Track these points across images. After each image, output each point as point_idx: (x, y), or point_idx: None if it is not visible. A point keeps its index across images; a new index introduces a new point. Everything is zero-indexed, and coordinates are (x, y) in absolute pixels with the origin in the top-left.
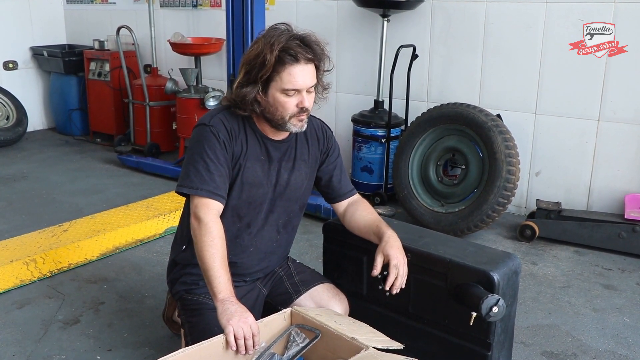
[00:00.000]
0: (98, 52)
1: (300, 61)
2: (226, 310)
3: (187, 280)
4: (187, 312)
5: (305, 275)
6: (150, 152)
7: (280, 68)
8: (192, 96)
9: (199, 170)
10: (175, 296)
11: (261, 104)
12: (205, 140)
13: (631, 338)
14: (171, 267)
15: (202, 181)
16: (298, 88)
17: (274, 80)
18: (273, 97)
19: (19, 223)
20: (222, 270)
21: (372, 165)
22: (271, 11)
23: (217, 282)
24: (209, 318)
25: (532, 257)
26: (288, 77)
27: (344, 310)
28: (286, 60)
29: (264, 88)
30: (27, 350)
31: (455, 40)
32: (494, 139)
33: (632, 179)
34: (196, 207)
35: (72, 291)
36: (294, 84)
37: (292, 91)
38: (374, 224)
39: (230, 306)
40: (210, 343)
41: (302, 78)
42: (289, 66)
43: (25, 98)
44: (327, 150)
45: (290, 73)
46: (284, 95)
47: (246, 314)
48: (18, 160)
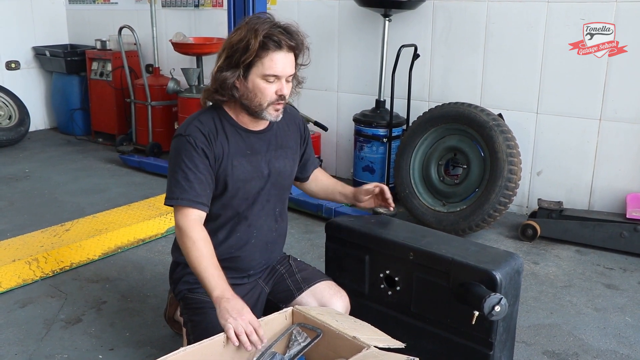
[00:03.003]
0: (100, 52)
1: (283, 48)
2: (222, 310)
3: (189, 280)
4: (189, 311)
5: (307, 272)
6: (152, 151)
7: (262, 53)
8: (193, 96)
9: (178, 181)
10: (177, 296)
11: (240, 90)
12: (183, 151)
13: (633, 337)
14: (173, 268)
15: (182, 191)
16: (278, 74)
17: (255, 65)
18: (253, 82)
19: (21, 222)
20: (210, 269)
21: (374, 165)
22: (273, 11)
23: (208, 282)
24: (212, 317)
25: (534, 256)
26: (270, 63)
27: (345, 308)
28: (269, 46)
29: (245, 73)
30: (30, 350)
31: (457, 40)
32: (495, 139)
33: (634, 178)
34: (177, 216)
35: (74, 290)
36: (274, 69)
37: (272, 77)
38: (337, 185)
39: (226, 304)
40: (211, 341)
41: (282, 65)
42: (271, 52)
43: (28, 98)
44: (305, 138)
45: (272, 59)
46: (264, 81)
47: (243, 310)
48: (20, 160)
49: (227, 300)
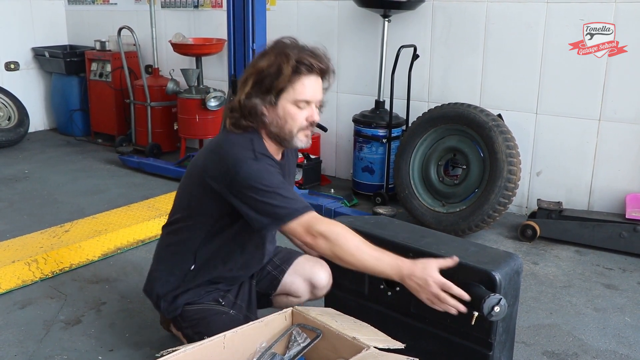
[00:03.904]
0: (99, 52)
1: (314, 72)
2: (412, 290)
3: (181, 300)
4: (191, 323)
5: (283, 254)
6: (151, 152)
7: (294, 78)
8: (193, 96)
9: (285, 197)
10: (170, 314)
11: (268, 116)
12: (265, 172)
13: (632, 337)
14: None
15: (293, 202)
16: (310, 99)
17: (286, 91)
18: (283, 108)
19: (20, 223)
20: (377, 255)
21: (373, 166)
22: (272, 11)
23: (385, 269)
24: (217, 324)
25: (533, 256)
26: (302, 88)
27: (328, 274)
28: (301, 71)
29: (275, 99)
30: (29, 351)
31: (456, 40)
32: (495, 139)
33: (633, 178)
34: (305, 227)
35: (73, 291)
36: (306, 94)
37: (303, 103)
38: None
39: (409, 282)
40: (211, 342)
41: (314, 89)
42: (303, 77)
43: (27, 99)
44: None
45: (304, 84)
46: (295, 106)
47: (426, 278)
48: (19, 161)
49: (408, 277)
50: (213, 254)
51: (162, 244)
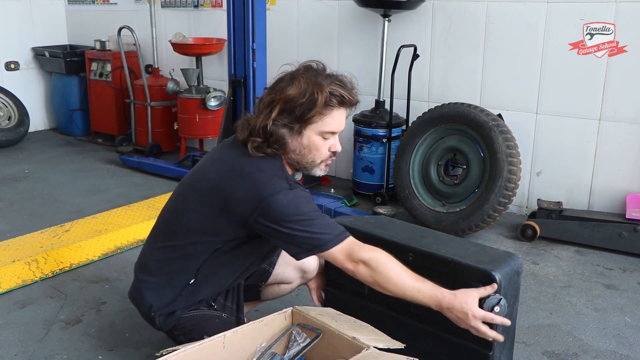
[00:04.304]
0: (99, 52)
1: (345, 105)
2: (455, 321)
3: (185, 309)
4: (183, 330)
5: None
6: (151, 152)
7: (325, 111)
8: (193, 96)
9: (325, 225)
10: (167, 327)
11: (291, 145)
12: (302, 200)
13: (632, 338)
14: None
15: (333, 228)
16: (337, 131)
17: (315, 122)
18: (309, 138)
19: (20, 223)
20: (418, 286)
21: (373, 165)
22: (272, 11)
23: (425, 300)
24: (211, 329)
25: (533, 256)
26: (331, 120)
27: (316, 257)
28: (333, 103)
29: (302, 129)
30: (29, 350)
31: (456, 40)
32: (495, 139)
33: (634, 178)
34: (346, 254)
35: (73, 291)
36: (334, 127)
37: (329, 134)
38: None
39: (450, 314)
40: (211, 341)
41: (341, 122)
42: (334, 110)
43: (27, 98)
44: None
45: (334, 116)
46: (321, 137)
47: (466, 312)
48: (20, 161)
49: (448, 310)
50: (216, 270)
51: (155, 255)
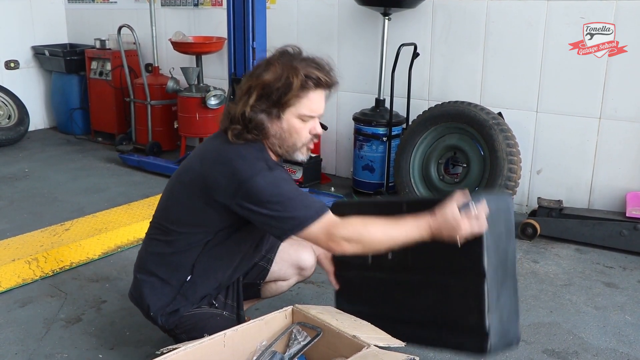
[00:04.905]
0: (99, 51)
1: (322, 86)
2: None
3: (187, 307)
4: (184, 328)
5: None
6: (151, 151)
7: (302, 93)
8: (193, 95)
9: (302, 202)
10: (170, 325)
11: (271, 130)
12: (281, 181)
13: (632, 336)
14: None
15: (312, 204)
16: (315, 114)
17: (293, 105)
18: (288, 122)
19: (20, 222)
20: (404, 229)
21: (374, 164)
22: (272, 10)
23: (416, 236)
24: (212, 328)
25: (534, 255)
26: (308, 103)
27: (312, 254)
28: (309, 86)
29: (280, 113)
30: (30, 349)
31: (457, 39)
32: (495, 137)
33: (634, 177)
34: (326, 234)
35: (74, 290)
36: (313, 109)
37: (308, 117)
38: None
39: (437, 232)
40: (211, 341)
41: (319, 104)
42: (311, 92)
43: (27, 97)
44: None
45: (311, 98)
46: (300, 120)
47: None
48: (20, 160)
49: (438, 230)
50: (212, 264)
51: (151, 253)
